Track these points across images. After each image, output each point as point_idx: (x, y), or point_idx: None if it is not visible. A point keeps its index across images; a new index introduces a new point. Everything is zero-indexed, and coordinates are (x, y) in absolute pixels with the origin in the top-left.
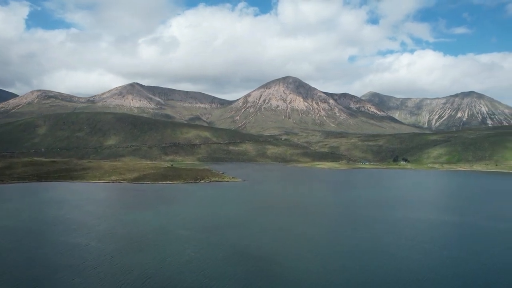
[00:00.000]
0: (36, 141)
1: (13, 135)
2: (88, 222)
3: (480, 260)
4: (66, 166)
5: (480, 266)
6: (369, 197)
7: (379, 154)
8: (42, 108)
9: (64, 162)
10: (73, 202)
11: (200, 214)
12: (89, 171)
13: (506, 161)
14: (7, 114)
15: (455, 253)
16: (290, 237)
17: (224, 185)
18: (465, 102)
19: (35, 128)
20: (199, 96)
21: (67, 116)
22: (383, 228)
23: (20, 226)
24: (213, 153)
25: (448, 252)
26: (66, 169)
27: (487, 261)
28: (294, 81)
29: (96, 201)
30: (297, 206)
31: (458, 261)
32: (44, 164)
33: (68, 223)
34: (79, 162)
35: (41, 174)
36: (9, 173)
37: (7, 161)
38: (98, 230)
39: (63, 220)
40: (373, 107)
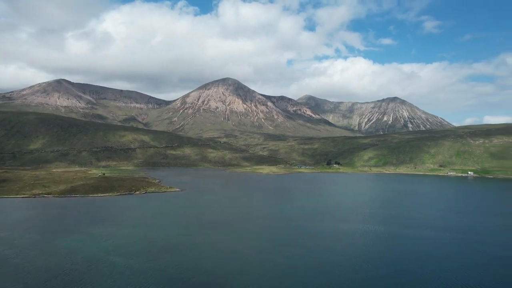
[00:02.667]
0: None
1: None
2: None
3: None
4: None
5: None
6: (304, 207)
7: (314, 157)
8: None
9: None
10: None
11: (134, 235)
12: (5, 184)
13: (423, 164)
14: None
15: (381, 271)
16: (224, 259)
17: (161, 197)
18: (390, 107)
19: None
20: (134, 95)
21: None
22: (315, 243)
23: None
24: (150, 158)
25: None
26: None
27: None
28: (234, 83)
29: (12, 224)
30: (235, 222)
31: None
32: None
33: None
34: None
35: None
36: None
37: None
38: (12, 264)
39: None
40: (309, 110)
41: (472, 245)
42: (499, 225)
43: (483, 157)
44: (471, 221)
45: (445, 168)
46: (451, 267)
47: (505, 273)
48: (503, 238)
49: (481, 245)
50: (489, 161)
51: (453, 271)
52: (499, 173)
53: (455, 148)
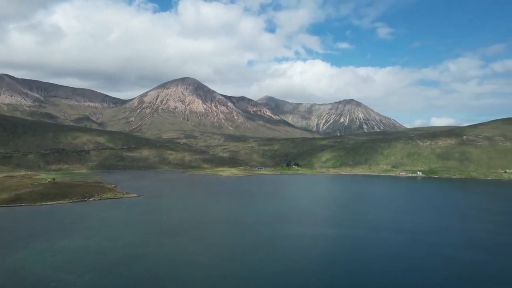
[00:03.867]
0: None
1: None
2: None
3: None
4: None
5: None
6: (264, 211)
7: (274, 158)
8: None
9: None
10: None
11: (87, 248)
12: None
13: (377, 165)
14: None
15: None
16: (183, 271)
17: (117, 204)
18: (347, 108)
19: None
20: (88, 93)
21: None
22: (276, 250)
23: None
24: (105, 160)
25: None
26: None
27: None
28: (193, 83)
29: None
30: (194, 229)
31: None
32: None
33: None
34: None
35: None
36: None
37: None
38: None
39: None
40: (268, 111)
41: (420, 245)
42: (446, 225)
43: (430, 158)
44: (420, 221)
45: (397, 169)
46: (402, 268)
47: (451, 274)
48: (449, 238)
49: (429, 246)
50: (435, 162)
51: (404, 272)
52: (443, 173)
53: (406, 150)
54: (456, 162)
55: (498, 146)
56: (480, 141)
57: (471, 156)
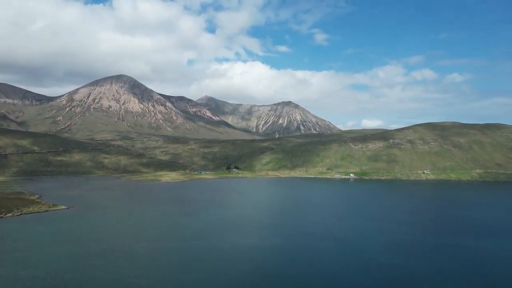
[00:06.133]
0: None
1: None
2: None
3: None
4: None
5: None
6: (204, 221)
7: (214, 161)
8: None
9: None
10: None
11: (4, 277)
12: None
13: (314, 167)
14: None
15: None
16: None
17: (43, 219)
18: (285, 110)
19: None
20: (5, 88)
21: None
22: (215, 266)
23: None
24: (28, 165)
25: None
26: None
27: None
28: (129, 81)
29: None
30: (129, 246)
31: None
32: None
33: None
34: None
35: None
36: None
37: None
38: None
39: None
40: (209, 112)
41: (346, 251)
42: (376, 229)
43: (361, 160)
44: (349, 225)
45: (332, 171)
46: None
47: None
48: (375, 242)
49: (359, 252)
50: (366, 164)
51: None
52: (373, 174)
53: (340, 152)
54: (384, 163)
55: (418, 149)
56: (403, 144)
57: (397, 158)
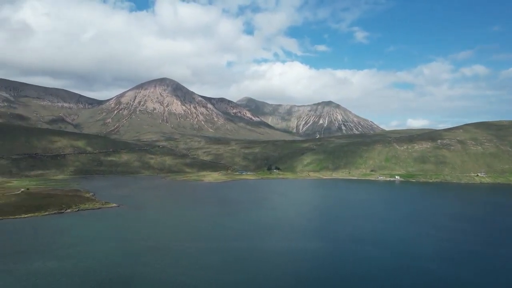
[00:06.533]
0: None
1: None
2: None
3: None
4: None
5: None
6: (247, 222)
7: (255, 162)
8: None
9: None
10: None
11: (62, 270)
12: None
13: (356, 169)
14: None
15: None
16: None
17: (96, 215)
18: (326, 110)
19: None
20: (62, 93)
21: None
22: (258, 268)
23: None
24: (83, 165)
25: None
26: None
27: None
28: (172, 84)
29: None
30: (176, 245)
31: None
32: None
33: None
34: None
35: None
36: None
37: None
38: None
39: None
40: (248, 113)
41: (390, 256)
42: (419, 234)
43: (407, 161)
44: (395, 230)
45: (376, 172)
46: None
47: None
48: (420, 248)
49: (411, 260)
50: (412, 166)
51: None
52: (420, 176)
53: (384, 153)
54: (432, 165)
55: (470, 150)
56: (453, 145)
57: (446, 159)
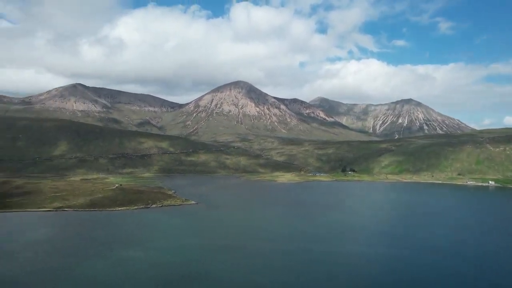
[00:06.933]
0: None
1: None
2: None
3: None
4: (0, 190)
5: None
6: (323, 225)
7: (329, 163)
8: None
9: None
10: (7, 248)
11: (148, 260)
12: (27, 196)
13: (441, 172)
14: None
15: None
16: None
17: (177, 211)
18: (405, 109)
19: None
20: (148, 98)
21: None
22: (334, 272)
23: None
24: (166, 164)
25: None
26: (2, 194)
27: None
28: (246, 86)
29: (35, 243)
30: (250, 244)
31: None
32: None
33: None
34: (14, 184)
35: None
36: None
37: None
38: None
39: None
40: (322, 113)
41: (473, 273)
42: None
43: (504, 165)
44: (487, 244)
45: (465, 177)
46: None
47: None
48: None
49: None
50: (510, 169)
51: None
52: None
53: (474, 155)
54: None
55: None
56: None
57: None
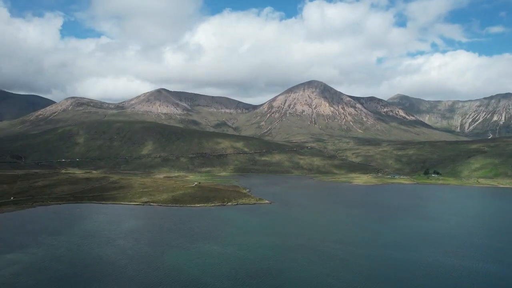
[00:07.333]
0: (72, 150)
1: (51, 145)
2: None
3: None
4: (98, 184)
5: None
6: (405, 231)
7: (409, 165)
8: (76, 115)
9: (97, 179)
10: (107, 235)
11: (225, 254)
12: (121, 191)
13: None
14: (46, 121)
15: None
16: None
17: (252, 210)
18: (502, 104)
19: (70, 137)
20: (224, 101)
21: (98, 125)
22: (414, 283)
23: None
24: (241, 164)
25: None
26: (99, 188)
27: None
28: (319, 85)
29: (126, 232)
30: (324, 245)
31: None
32: (79, 182)
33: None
34: (111, 180)
35: (76, 194)
36: (48, 192)
37: (46, 179)
38: (126, 276)
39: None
40: (402, 111)
41: None
42: None
43: None
44: None
45: None
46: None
47: None
48: None
49: None
50: None
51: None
52: None
53: None
54: None
55: None
56: None
57: None
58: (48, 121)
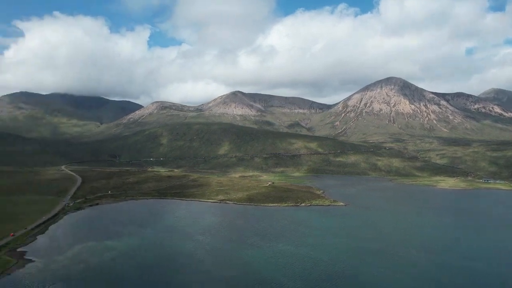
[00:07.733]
0: (157, 150)
1: (140, 145)
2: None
3: None
4: (179, 182)
5: None
6: (491, 240)
7: (507, 168)
8: (160, 118)
9: (178, 177)
10: (187, 230)
11: (298, 255)
12: (199, 188)
13: None
14: (135, 123)
15: None
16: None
17: (325, 211)
18: None
19: (156, 139)
20: (297, 101)
21: (180, 127)
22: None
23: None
24: (315, 164)
25: None
26: (180, 185)
27: None
28: (398, 82)
29: (204, 228)
30: (399, 252)
31: None
32: (163, 180)
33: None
34: (190, 178)
35: (161, 190)
36: (138, 188)
37: (136, 176)
38: (203, 269)
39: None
40: (497, 107)
41: None
42: None
43: None
44: None
45: None
46: None
47: None
48: None
49: None
50: None
51: None
52: None
53: None
54: None
55: None
56: None
57: None
58: (137, 123)
